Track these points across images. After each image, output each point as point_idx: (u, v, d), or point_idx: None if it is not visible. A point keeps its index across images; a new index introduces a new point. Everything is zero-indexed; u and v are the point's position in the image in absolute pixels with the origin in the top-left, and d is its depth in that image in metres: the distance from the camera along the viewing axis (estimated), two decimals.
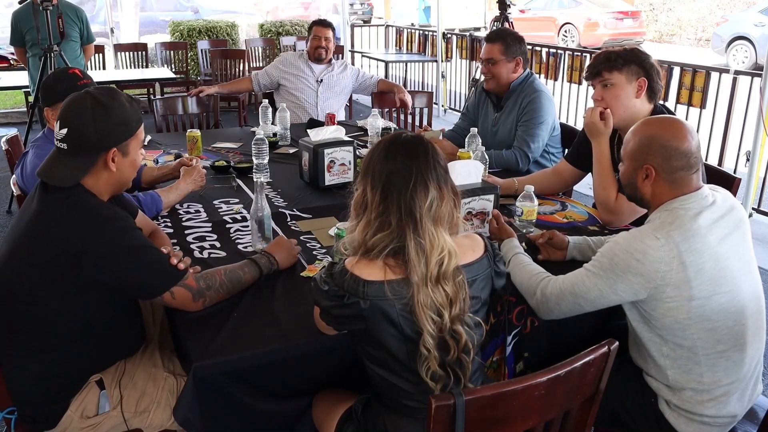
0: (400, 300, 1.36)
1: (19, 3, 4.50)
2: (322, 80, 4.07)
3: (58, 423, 1.63)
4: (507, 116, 3.07)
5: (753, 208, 4.30)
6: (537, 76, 3.55)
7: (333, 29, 4.13)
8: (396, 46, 8.87)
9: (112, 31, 8.56)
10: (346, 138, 2.67)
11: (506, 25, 5.80)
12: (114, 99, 1.58)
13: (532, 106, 2.96)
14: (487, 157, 2.66)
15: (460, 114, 4.26)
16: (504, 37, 3.03)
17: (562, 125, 3.36)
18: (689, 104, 4.58)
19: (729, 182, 2.28)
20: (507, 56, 3.00)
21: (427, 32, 8.13)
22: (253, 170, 2.74)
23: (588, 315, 1.69)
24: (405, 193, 1.37)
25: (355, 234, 1.42)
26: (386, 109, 4.21)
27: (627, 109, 2.21)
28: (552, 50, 6.05)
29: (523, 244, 1.99)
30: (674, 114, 2.36)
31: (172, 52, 7.59)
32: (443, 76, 7.71)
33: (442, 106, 7.76)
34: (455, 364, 1.40)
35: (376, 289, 1.35)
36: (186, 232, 2.19)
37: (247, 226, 2.20)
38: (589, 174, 2.47)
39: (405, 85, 8.18)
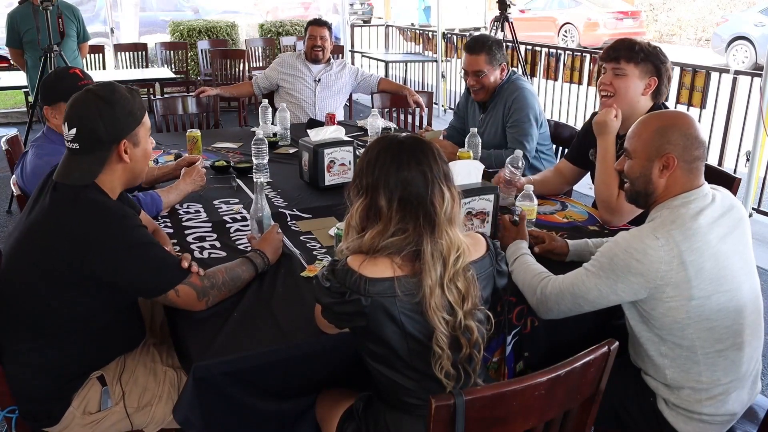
0: (409, 297, 1.35)
1: (20, 3, 4.50)
2: (319, 80, 4.06)
3: (59, 420, 1.64)
4: (493, 117, 3.07)
5: (753, 208, 4.30)
6: (518, 72, 3.52)
7: (329, 28, 4.11)
8: (396, 46, 8.87)
9: (112, 31, 8.57)
10: (346, 138, 2.68)
11: (506, 25, 5.79)
12: (115, 92, 1.61)
13: (518, 104, 2.95)
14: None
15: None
16: (487, 46, 2.97)
17: (560, 125, 3.36)
18: (689, 104, 4.58)
19: (729, 182, 2.28)
20: (493, 65, 2.98)
21: (427, 32, 8.13)
22: (253, 170, 2.74)
23: (588, 315, 1.69)
24: (425, 199, 1.37)
25: (364, 240, 1.40)
26: (392, 109, 4.20)
27: (630, 104, 2.22)
28: (552, 50, 6.04)
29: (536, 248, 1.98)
30: None
31: (172, 52, 7.60)
32: (443, 76, 7.71)
33: (442, 106, 7.76)
34: (465, 361, 1.41)
35: (379, 286, 1.35)
36: (186, 232, 2.19)
37: (247, 226, 2.21)
38: (589, 173, 2.47)
39: (405, 84, 8.18)
